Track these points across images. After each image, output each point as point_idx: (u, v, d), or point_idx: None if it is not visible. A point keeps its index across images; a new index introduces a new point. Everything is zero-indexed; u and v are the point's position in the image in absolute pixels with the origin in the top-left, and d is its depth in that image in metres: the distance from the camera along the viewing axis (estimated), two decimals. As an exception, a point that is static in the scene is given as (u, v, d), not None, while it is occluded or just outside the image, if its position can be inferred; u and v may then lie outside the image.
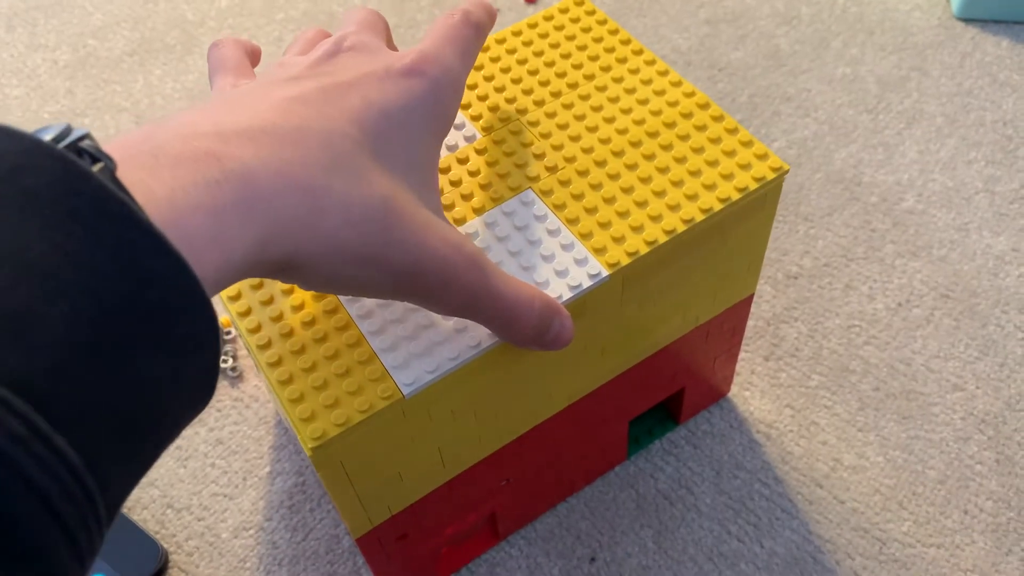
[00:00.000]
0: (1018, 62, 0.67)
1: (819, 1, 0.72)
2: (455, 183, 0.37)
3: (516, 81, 0.40)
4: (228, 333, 0.54)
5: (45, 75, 0.72)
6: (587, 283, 0.33)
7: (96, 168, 0.19)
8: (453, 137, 0.38)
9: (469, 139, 0.38)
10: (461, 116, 0.39)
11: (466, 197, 0.36)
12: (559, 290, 0.33)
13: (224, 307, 0.39)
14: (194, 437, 0.51)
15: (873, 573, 0.44)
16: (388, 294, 0.28)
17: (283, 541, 0.47)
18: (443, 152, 0.38)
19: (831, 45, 0.69)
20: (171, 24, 0.75)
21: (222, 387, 0.53)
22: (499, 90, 0.40)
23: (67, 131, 0.19)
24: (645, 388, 0.44)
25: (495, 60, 0.41)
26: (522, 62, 0.41)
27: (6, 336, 0.16)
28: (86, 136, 0.19)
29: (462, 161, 0.38)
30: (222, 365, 0.53)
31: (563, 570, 0.45)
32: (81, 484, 0.17)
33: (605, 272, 0.34)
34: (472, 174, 0.37)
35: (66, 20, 0.76)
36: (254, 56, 0.36)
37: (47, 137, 0.19)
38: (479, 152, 0.38)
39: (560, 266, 0.34)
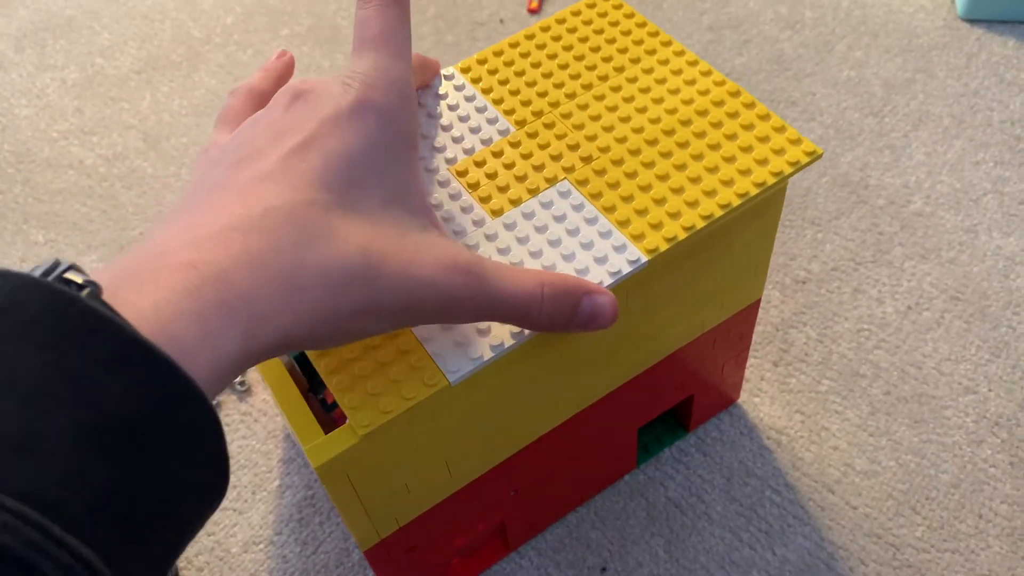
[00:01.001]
0: (1025, 62, 0.66)
1: (822, 5, 0.72)
2: (491, 176, 0.37)
3: (547, 76, 0.41)
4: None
5: (54, 94, 0.72)
6: (627, 269, 0.34)
7: (83, 293, 0.21)
8: (487, 131, 0.39)
9: (503, 133, 0.39)
10: (494, 111, 0.39)
11: (503, 189, 0.36)
12: (599, 276, 0.34)
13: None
14: (204, 452, 0.51)
15: (887, 579, 0.44)
16: (401, 326, 0.29)
17: (293, 555, 0.47)
18: (478, 146, 0.38)
19: (835, 48, 0.69)
20: (177, 42, 0.76)
21: (230, 401, 0.53)
22: (530, 85, 0.40)
23: (55, 265, 0.22)
24: (653, 395, 0.43)
25: (525, 56, 0.41)
26: (552, 56, 0.41)
27: (11, 459, 0.18)
28: (72, 267, 0.22)
29: (497, 154, 0.38)
30: (231, 379, 0.53)
31: (574, 580, 0.45)
32: None
33: (644, 258, 0.34)
34: (507, 167, 0.37)
35: (74, 40, 0.77)
36: (284, 77, 0.38)
37: (37, 273, 0.21)
38: (513, 145, 0.38)
39: (599, 253, 0.34)
